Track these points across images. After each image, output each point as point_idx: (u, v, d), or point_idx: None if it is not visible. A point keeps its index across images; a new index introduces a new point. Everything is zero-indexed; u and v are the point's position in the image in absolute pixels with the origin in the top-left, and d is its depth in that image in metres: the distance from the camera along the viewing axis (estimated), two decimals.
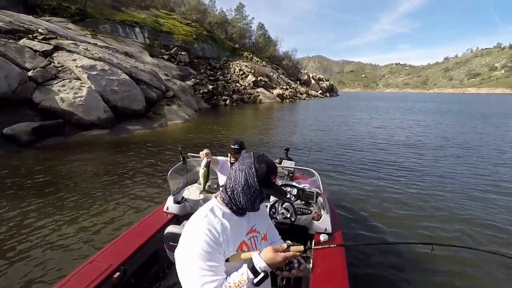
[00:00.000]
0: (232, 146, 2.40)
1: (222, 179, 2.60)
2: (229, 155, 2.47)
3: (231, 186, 1.03)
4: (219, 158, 2.53)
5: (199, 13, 39.60)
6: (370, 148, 8.82)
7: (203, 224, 0.96)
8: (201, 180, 2.31)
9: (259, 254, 0.90)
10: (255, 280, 0.87)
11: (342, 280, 1.72)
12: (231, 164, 2.47)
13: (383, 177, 5.91)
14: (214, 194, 1.11)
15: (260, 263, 0.88)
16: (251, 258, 0.91)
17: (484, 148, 8.90)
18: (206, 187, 2.39)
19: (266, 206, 2.62)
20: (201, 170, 2.26)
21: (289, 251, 0.91)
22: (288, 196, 2.84)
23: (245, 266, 0.91)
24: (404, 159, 7.38)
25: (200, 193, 2.45)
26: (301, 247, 0.94)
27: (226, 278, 0.92)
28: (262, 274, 0.87)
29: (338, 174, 6.13)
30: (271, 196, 2.70)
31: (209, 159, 2.26)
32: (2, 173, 5.36)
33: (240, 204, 1.02)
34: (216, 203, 1.06)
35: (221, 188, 1.11)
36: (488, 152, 8.32)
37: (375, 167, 6.65)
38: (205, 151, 2.29)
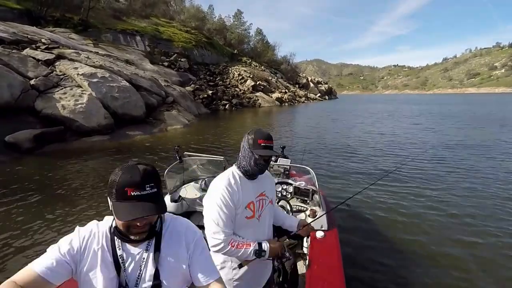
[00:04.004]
0: None
1: None
2: None
3: (239, 154, 1.36)
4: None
5: (198, 20, 40.16)
6: (366, 149, 8.88)
7: (223, 183, 1.29)
8: None
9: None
10: (257, 249, 1.29)
11: (338, 277, 1.73)
12: None
13: (378, 175, 5.93)
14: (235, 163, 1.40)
15: (265, 243, 1.33)
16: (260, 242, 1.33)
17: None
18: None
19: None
20: None
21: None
22: (281, 182, 2.89)
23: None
24: (401, 160, 7.41)
25: None
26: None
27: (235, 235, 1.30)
28: (264, 248, 1.31)
29: (334, 172, 6.16)
30: None
31: None
32: (3, 179, 5.41)
33: (245, 167, 1.33)
34: (234, 168, 1.37)
35: None
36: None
37: (371, 166, 6.70)
38: None
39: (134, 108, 11.24)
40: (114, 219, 0.87)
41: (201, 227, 1.20)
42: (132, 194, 0.76)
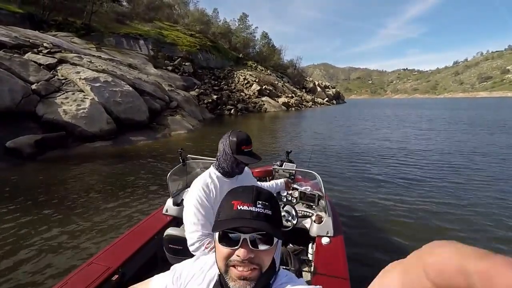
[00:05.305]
0: None
1: None
2: None
3: (218, 155, 1.40)
4: None
5: (203, 24, 40.26)
6: (374, 155, 8.52)
7: (200, 183, 1.36)
8: None
9: None
10: None
11: (344, 285, 1.71)
12: None
13: (386, 181, 5.72)
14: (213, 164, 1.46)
15: None
16: None
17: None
18: None
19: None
20: None
21: None
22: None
23: None
24: (410, 167, 7.07)
25: None
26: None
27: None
28: None
29: (340, 177, 5.98)
30: None
31: None
32: (4, 186, 5.30)
33: (226, 169, 1.38)
34: (212, 169, 1.44)
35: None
36: None
37: (380, 172, 6.43)
38: None
39: (137, 113, 11.07)
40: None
41: None
42: (239, 208, 0.65)
